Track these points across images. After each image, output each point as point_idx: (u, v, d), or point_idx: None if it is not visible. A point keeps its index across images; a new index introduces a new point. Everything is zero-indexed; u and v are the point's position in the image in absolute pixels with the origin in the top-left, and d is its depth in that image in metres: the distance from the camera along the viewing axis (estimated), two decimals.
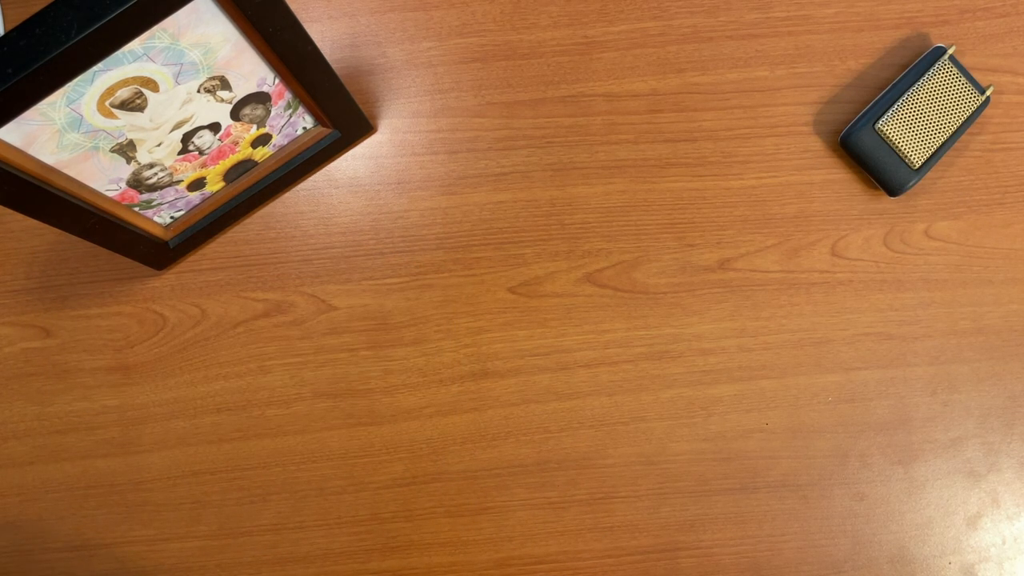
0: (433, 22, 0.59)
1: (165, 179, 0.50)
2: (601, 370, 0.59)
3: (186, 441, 0.59)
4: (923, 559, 0.60)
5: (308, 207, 0.59)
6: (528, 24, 0.59)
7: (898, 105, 0.57)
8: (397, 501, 0.59)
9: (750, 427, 0.59)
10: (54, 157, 0.42)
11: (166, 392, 0.58)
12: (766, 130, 0.60)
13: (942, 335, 0.60)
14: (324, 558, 0.59)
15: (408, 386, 0.59)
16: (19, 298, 0.58)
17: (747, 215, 0.59)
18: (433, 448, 0.59)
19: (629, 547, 0.59)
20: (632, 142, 0.59)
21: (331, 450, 0.59)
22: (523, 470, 0.59)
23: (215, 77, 0.44)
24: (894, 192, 0.58)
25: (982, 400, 0.60)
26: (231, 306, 0.59)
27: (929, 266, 0.60)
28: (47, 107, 0.38)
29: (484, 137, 0.59)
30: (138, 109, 0.42)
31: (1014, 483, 0.60)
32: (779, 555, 0.59)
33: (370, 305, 0.59)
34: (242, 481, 0.59)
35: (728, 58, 0.60)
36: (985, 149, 0.60)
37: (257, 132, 0.51)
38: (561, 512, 0.59)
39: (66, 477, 0.58)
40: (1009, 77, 0.60)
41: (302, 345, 0.59)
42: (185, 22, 0.38)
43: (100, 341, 0.58)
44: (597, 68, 0.59)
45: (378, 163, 0.59)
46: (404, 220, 0.59)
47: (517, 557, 0.59)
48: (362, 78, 0.59)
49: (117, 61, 0.38)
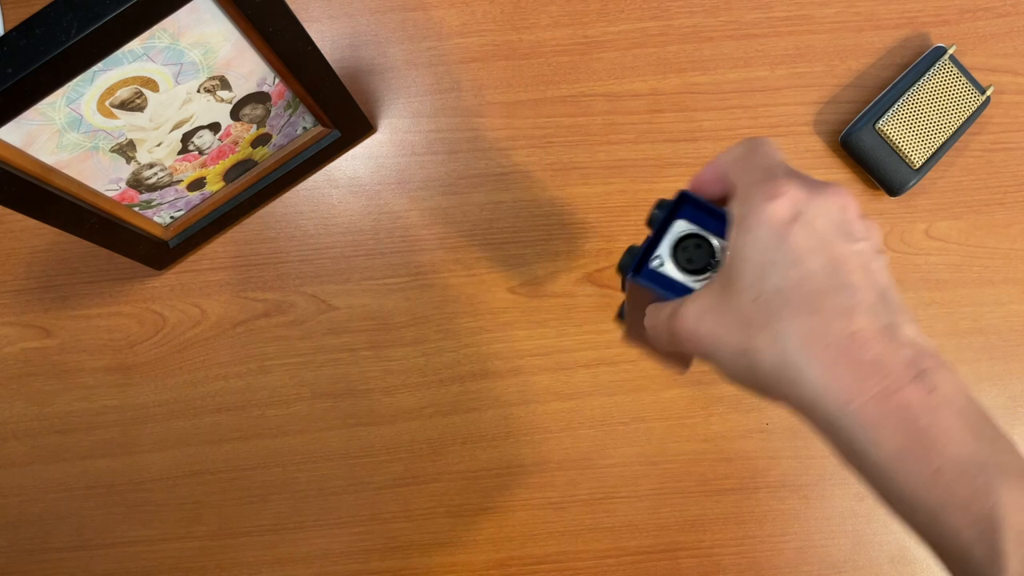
0: (433, 22, 0.59)
1: (165, 179, 0.50)
2: (601, 370, 0.59)
3: (186, 441, 0.58)
4: (924, 559, 0.60)
5: (308, 207, 0.59)
6: (528, 24, 0.59)
7: (898, 105, 0.57)
8: (397, 501, 0.59)
9: (750, 427, 0.59)
10: (54, 157, 0.42)
11: (166, 392, 0.58)
12: (766, 130, 0.60)
13: (942, 335, 0.60)
14: (324, 558, 0.59)
15: (408, 386, 0.59)
16: (19, 298, 0.58)
17: None
18: (433, 448, 0.59)
19: (629, 547, 0.59)
20: (632, 142, 0.59)
21: (331, 450, 0.59)
22: (523, 470, 0.59)
23: (215, 77, 0.44)
24: (894, 192, 0.58)
25: (983, 400, 0.60)
26: (231, 306, 0.59)
27: (929, 266, 0.60)
28: (47, 107, 0.38)
29: (484, 137, 0.59)
30: (138, 109, 0.42)
31: None
32: (779, 555, 0.59)
33: (370, 305, 0.59)
34: (242, 481, 0.59)
35: (728, 58, 0.60)
36: (985, 149, 0.60)
37: (257, 132, 0.51)
38: (561, 512, 0.59)
39: (66, 477, 0.58)
40: (1009, 77, 0.60)
41: (302, 345, 0.59)
42: (185, 22, 0.38)
43: (100, 341, 0.58)
44: (597, 68, 0.59)
45: (378, 163, 0.59)
46: (404, 220, 0.59)
47: (517, 557, 0.59)
48: (362, 78, 0.59)
49: (117, 61, 0.38)
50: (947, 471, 0.27)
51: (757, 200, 0.31)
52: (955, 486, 0.27)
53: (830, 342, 0.29)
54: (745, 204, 0.32)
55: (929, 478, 0.28)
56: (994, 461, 0.28)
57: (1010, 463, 0.28)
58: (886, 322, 0.29)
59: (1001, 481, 0.27)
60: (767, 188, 0.31)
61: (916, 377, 0.28)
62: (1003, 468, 0.27)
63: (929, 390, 0.28)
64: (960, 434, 0.28)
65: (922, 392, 0.28)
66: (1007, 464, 0.28)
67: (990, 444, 0.28)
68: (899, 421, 0.28)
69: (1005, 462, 0.28)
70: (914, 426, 0.28)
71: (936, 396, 0.28)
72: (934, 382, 0.28)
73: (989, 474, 0.27)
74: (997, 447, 0.28)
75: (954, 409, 0.28)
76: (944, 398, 0.28)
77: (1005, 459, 0.28)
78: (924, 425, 0.28)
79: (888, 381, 0.28)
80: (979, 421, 0.29)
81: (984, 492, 0.27)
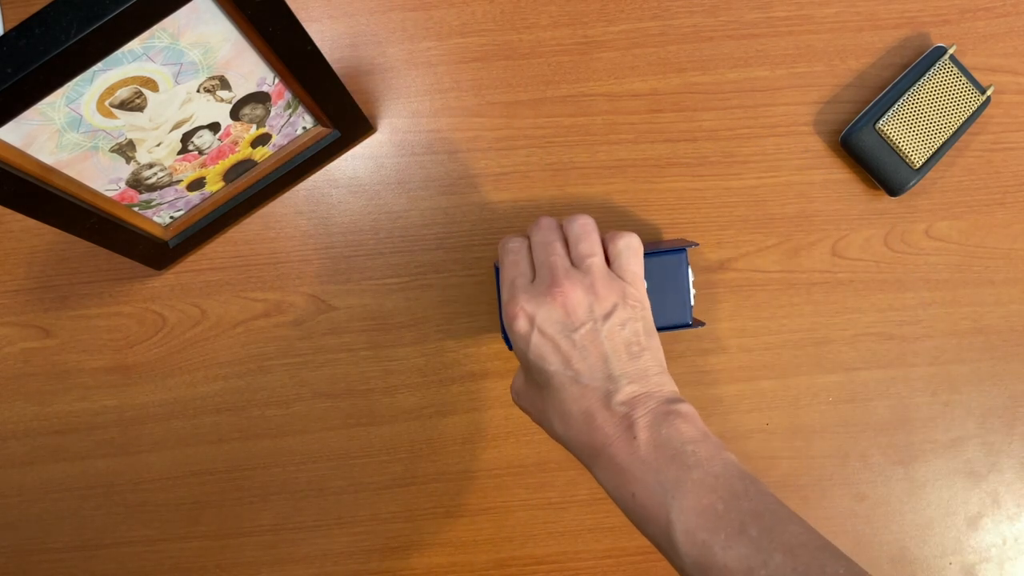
0: (433, 22, 0.59)
1: (165, 179, 0.50)
2: None
3: (186, 441, 0.58)
4: (924, 559, 0.60)
5: (308, 207, 0.59)
6: (528, 24, 0.59)
7: (898, 105, 0.57)
8: (397, 501, 0.59)
9: (750, 427, 0.59)
10: (54, 157, 0.42)
11: (166, 392, 0.58)
12: (766, 130, 0.60)
13: (942, 335, 0.60)
14: (324, 558, 0.59)
15: (408, 386, 0.59)
16: (19, 298, 0.58)
17: (747, 215, 0.59)
18: (433, 448, 0.59)
19: (629, 547, 0.59)
20: (632, 142, 0.59)
21: (331, 450, 0.59)
22: (523, 470, 0.59)
23: (215, 77, 0.44)
24: (894, 192, 0.58)
25: (983, 400, 0.60)
26: (231, 306, 0.59)
27: (929, 266, 0.60)
28: (47, 107, 0.38)
29: (484, 137, 0.59)
30: (138, 109, 0.42)
31: (1015, 483, 0.60)
32: None
33: (370, 305, 0.59)
34: (242, 481, 0.59)
35: (728, 58, 0.60)
36: (986, 149, 0.60)
37: (257, 132, 0.51)
38: (561, 512, 0.59)
39: (66, 477, 0.58)
40: (1010, 77, 0.60)
41: (302, 345, 0.59)
42: (185, 22, 0.38)
43: (100, 341, 0.58)
44: (597, 68, 0.59)
45: (378, 163, 0.59)
46: (404, 220, 0.59)
47: (517, 557, 0.59)
48: (362, 78, 0.59)
49: (117, 61, 0.38)
50: (639, 495, 0.38)
51: (507, 321, 0.43)
52: (647, 505, 0.38)
53: (571, 421, 0.41)
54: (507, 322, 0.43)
55: (631, 501, 0.39)
56: (672, 476, 0.38)
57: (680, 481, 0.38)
58: (605, 391, 0.40)
59: (674, 494, 0.37)
60: (510, 309, 0.43)
61: (625, 430, 0.39)
62: (677, 483, 0.37)
63: (630, 439, 0.39)
64: (647, 467, 0.38)
65: (625, 443, 0.39)
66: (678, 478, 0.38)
67: (673, 464, 0.38)
68: (611, 464, 0.39)
69: (679, 476, 0.38)
70: (619, 467, 0.39)
71: (635, 443, 0.39)
72: (635, 432, 0.39)
73: (667, 491, 0.37)
74: (678, 465, 0.38)
75: (650, 447, 0.39)
76: (641, 442, 0.39)
77: (680, 474, 0.38)
78: (625, 465, 0.39)
79: (606, 438, 0.40)
80: (668, 450, 0.39)
81: (662, 506, 0.37)
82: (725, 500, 0.37)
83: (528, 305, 0.42)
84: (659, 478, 0.38)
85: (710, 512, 0.36)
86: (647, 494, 0.38)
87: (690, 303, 0.52)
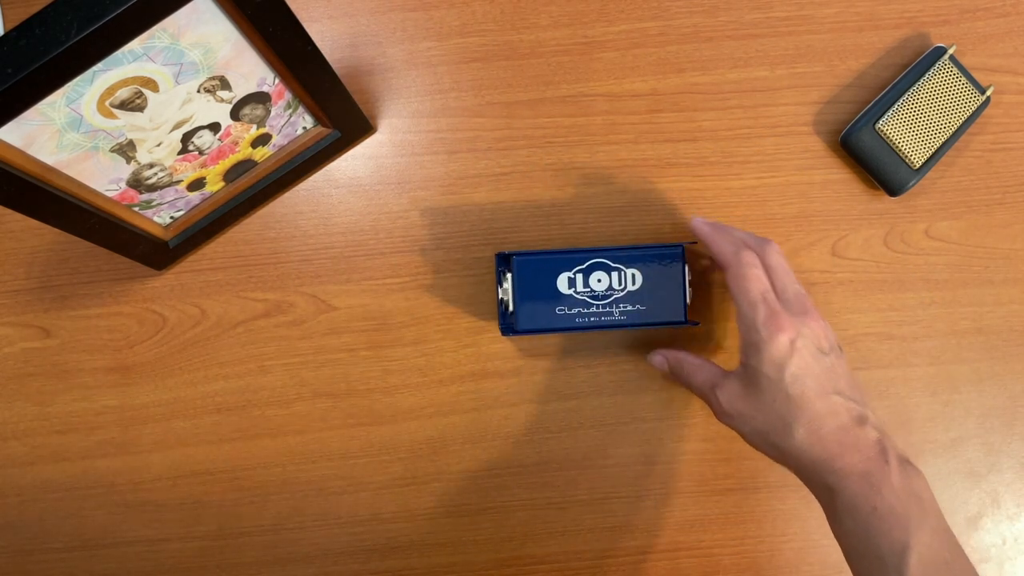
0: (433, 22, 0.59)
1: (165, 179, 0.50)
2: (601, 370, 0.59)
3: (186, 441, 0.59)
4: None
5: (308, 207, 0.59)
6: (528, 24, 0.59)
7: (898, 105, 0.57)
8: (397, 501, 0.59)
9: None
10: (54, 157, 0.42)
11: (166, 392, 0.58)
12: (766, 130, 0.60)
13: (942, 335, 0.60)
14: (324, 558, 0.59)
15: (408, 386, 0.59)
16: (19, 298, 0.58)
17: (747, 215, 0.59)
18: (433, 448, 0.59)
19: (629, 547, 0.59)
20: (632, 142, 0.59)
21: (331, 450, 0.59)
22: (523, 470, 0.59)
23: (215, 77, 0.44)
24: (894, 192, 0.58)
25: (982, 400, 0.60)
26: (231, 306, 0.59)
27: (929, 266, 0.60)
28: (47, 107, 0.38)
29: (484, 137, 0.59)
30: (138, 109, 0.42)
31: (1014, 483, 0.60)
32: (779, 555, 0.59)
33: (370, 305, 0.59)
34: (242, 481, 0.59)
35: (728, 58, 0.60)
36: (985, 149, 0.60)
37: (257, 132, 0.51)
38: (561, 512, 0.59)
39: (66, 477, 0.58)
40: (1009, 77, 0.60)
41: (302, 345, 0.59)
42: (185, 22, 0.38)
43: (100, 341, 0.58)
44: (597, 68, 0.59)
45: (378, 163, 0.59)
46: (404, 220, 0.59)
47: (517, 557, 0.59)
48: (362, 78, 0.59)
49: (117, 61, 0.38)
50: (882, 509, 0.43)
51: (766, 333, 0.46)
52: (888, 522, 0.42)
53: (823, 432, 0.45)
54: (759, 333, 0.46)
55: (870, 513, 0.43)
56: (916, 512, 0.43)
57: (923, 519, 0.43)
58: (860, 413, 0.45)
59: (916, 526, 0.42)
60: (774, 322, 0.46)
61: (879, 453, 0.44)
62: (920, 519, 0.42)
63: (883, 463, 0.44)
64: (895, 492, 0.43)
65: (879, 464, 0.44)
66: (922, 517, 0.43)
67: (916, 503, 0.43)
68: (862, 476, 0.44)
69: (922, 515, 0.43)
70: (869, 481, 0.43)
71: (887, 468, 0.44)
72: (887, 459, 0.44)
73: (911, 521, 0.42)
74: (921, 507, 0.43)
75: (900, 477, 0.43)
76: (893, 469, 0.44)
77: (922, 515, 0.43)
78: (876, 482, 0.43)
79: (860, 452, 0.44)
80: (912, 489, 0.43)
81: (904, 530, 0.42)
82: (951, 553, 0.43)
83: (791, 324, 0.46)
84: (904, 506, 0.42)
85: (941, 560, 0.42)
86: (891, 514, 0.42)
87: (685, 301, 0.53)
